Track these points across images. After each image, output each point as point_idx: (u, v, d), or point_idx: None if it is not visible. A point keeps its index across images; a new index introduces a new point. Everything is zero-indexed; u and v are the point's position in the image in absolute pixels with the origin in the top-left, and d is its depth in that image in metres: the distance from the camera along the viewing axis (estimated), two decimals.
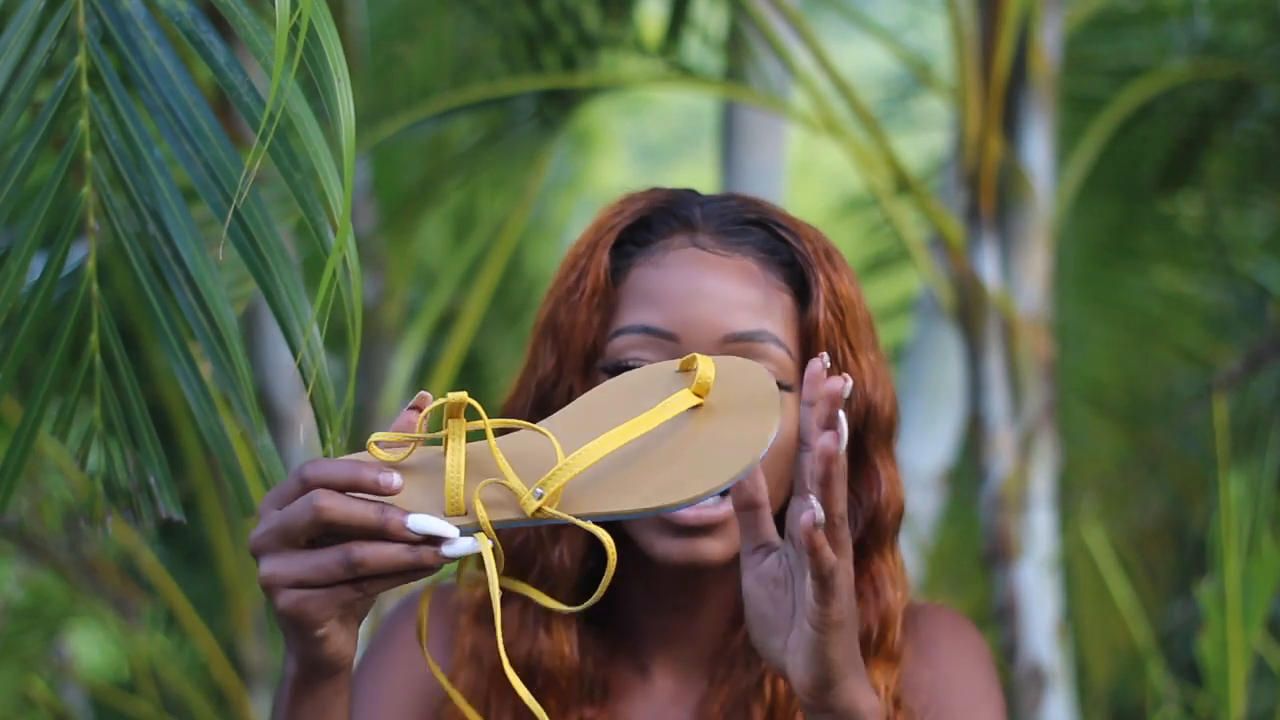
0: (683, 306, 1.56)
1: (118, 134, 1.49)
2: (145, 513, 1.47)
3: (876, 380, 1.62)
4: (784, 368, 1.57)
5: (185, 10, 1.48)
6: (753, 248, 1.59)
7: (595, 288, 1.58)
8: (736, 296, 1.56)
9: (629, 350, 1.56)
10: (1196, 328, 4.37)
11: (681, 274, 1.57)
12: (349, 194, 1.32)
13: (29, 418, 1.44)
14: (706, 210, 1.61)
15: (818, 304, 1.58)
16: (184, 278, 1.44)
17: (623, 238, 1.61)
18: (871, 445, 1.62)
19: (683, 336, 1.55)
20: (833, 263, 1.60)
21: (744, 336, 1.55)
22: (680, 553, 1.55)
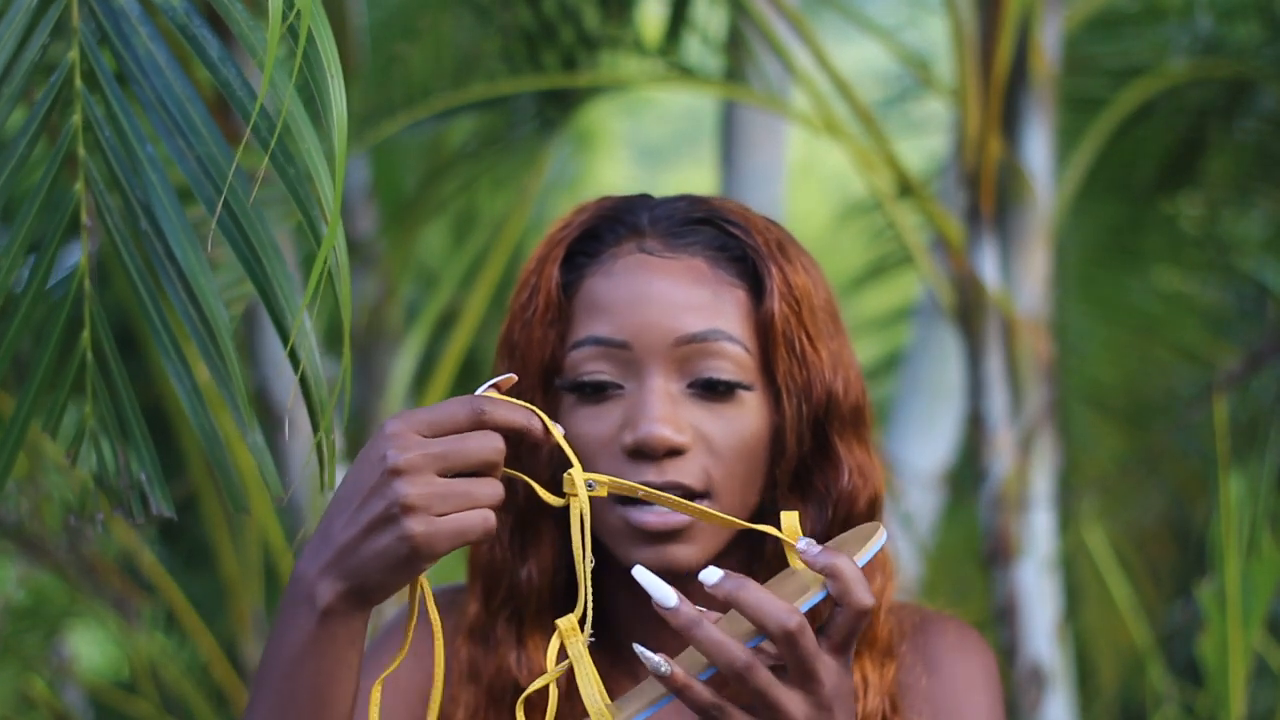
0: (632, 313, 1.56)
1: (111, 130, 1.49)
2: (136, 510, 1.47)
3: (838, 367, 1.61)
4: (741, 364, 1.57)
5: (179, 6, 1.48)
6: (701, 246, 1.59)
7: (547, 303, 1.59)
8: (685, 298, 1.56)
9: (584, 364, 1.57)
10: (1196, 327, 4.37)
11: (629, 281, 1.57)
12: (339, 189, 1.32)
13: (20, 414, 1.44)
14: (655, 214, 1.61)
15: (771, 296, 1.57)
16: (176, 275, 1.44)
17: (573, 249, 1.61)
18: (835, 433, 1.61)
19: (634, 343, 1.55)
20: (786, 254, 1.60)
21: (696, 338, 1.55)
22: (652, 560, 1.56)
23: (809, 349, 1.59)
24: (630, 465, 1.55)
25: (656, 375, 1.55)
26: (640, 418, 1.54)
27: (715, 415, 1.57)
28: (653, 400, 1.54)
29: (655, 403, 1.54)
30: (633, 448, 1.54)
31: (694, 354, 1.56)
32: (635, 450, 1.54)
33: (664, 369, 1.56)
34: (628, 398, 1.56)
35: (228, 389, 1.39)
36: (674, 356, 1.55)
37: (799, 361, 1.58)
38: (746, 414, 1.57)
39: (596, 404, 1.57)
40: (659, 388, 1.55)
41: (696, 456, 1.56)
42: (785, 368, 1.58)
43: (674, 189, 1.73)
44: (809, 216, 6.62)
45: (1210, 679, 2.53)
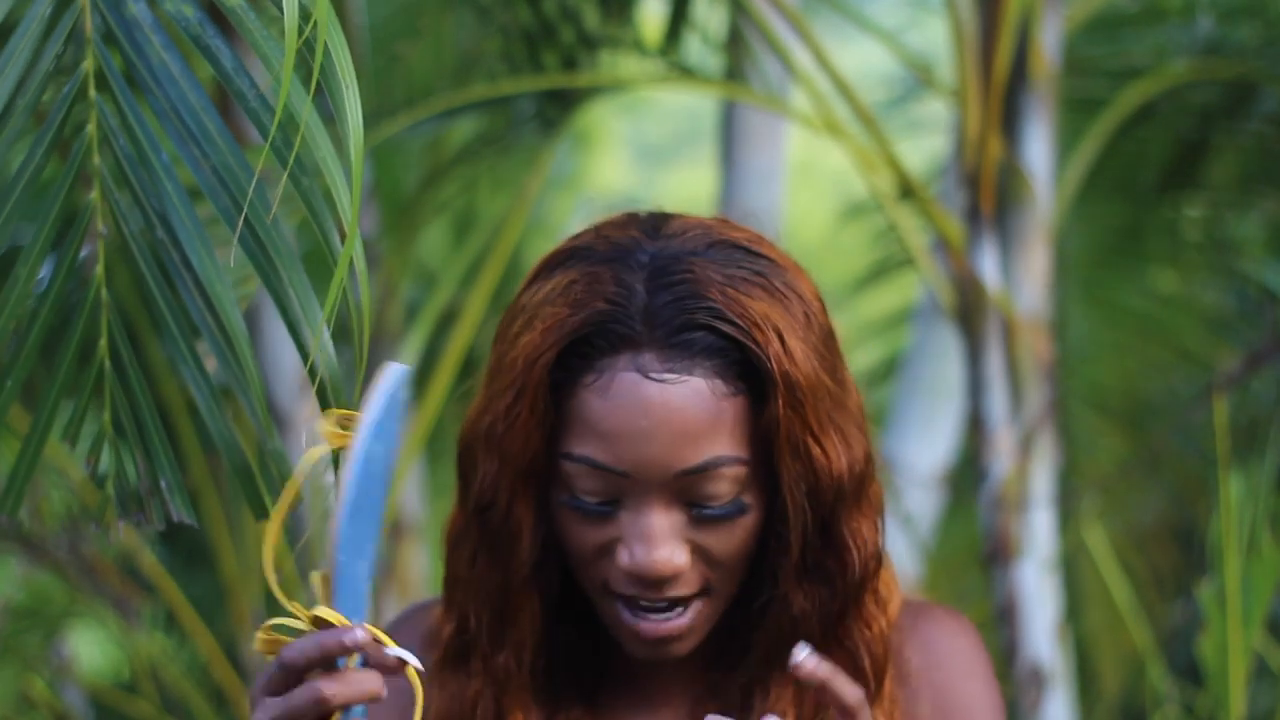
0: (631, 445, 1.51)
1: (125, 138, 1.50)
2: (156, 516, 1.47)
3: (842, 451, 1.56)
4: (740, 480, 1.53)
5: (191, 15, 1.48)
6: (701, 358, 1.52)
7: (533, 409, 1.53)
8: (684, 427, 1.51)
9: (578, 479, 1.53)
10: (1197, 328, 4.38)
11: (628, 409, 1.51)
12: (357, 199, 1.32)
13: (39, 423, 1.45)
14: (651, 310, 1.53)
15: (775, 404, 1.52)
16: (192, 281, 1.45)
17: (564, 350, 1.53)
18: (843, 519, 1.58)
19: (634, 474, 1.52)
20: (786, 347, 1.53)
21: (694, 470, 1.52)
22: (646, 654, 1.57)
23: (814, 449, 1.54)
24: (625, 578, 1.54)
25: (656, 504, 1.53)
26: (637, 547, 1.52)
27: (713, 531, 1.54)
28: (651, 534, 1.52)
29: (654, 536, 1.52)
30: (629, 572, 1.53)
31: (694, 483, 1.52)
32: (633, 575, 1.53)
33: (663, 496, 1.52)
34: (625, 513, 1.54)
35: (245, 395, 1.40)
36: (674, 486, 1.52)
37: (804, 464, 1.54)
38: (744, 523, 1.55)
39: (591, 515, 1.54)
40: (658, 520, 1.53)
41: (694, 567, 1.55)
42: (791, 474, 1.54)
43: (674, 189, 1.72)
44: (809, 217, 6.63)
45: (1210, 679, 2.53)
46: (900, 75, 4.61)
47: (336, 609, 1.35)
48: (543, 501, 1.57)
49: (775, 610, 1.58)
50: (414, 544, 3.98)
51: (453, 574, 1.64)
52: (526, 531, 1.57)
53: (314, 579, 1.37)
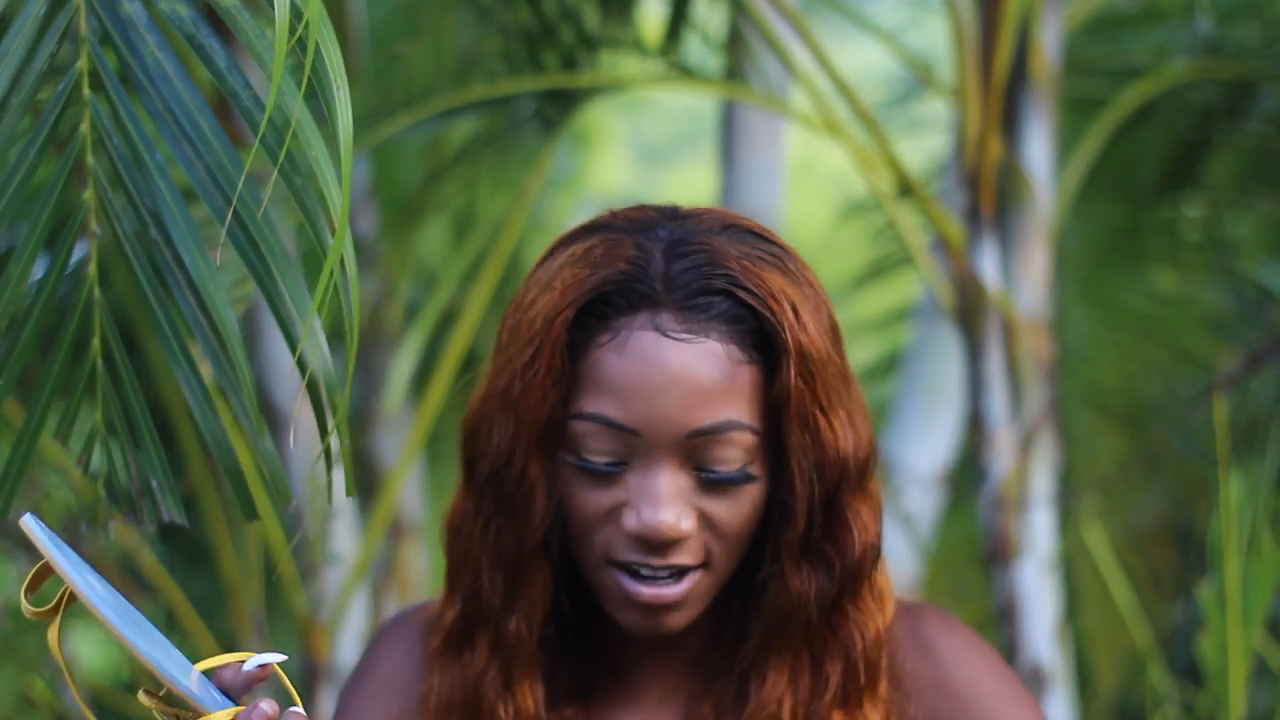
0: (644, 401, 1.52)
1: (119, 137, 1.50)
2: (148, 515, 1.47)
3: (849, 433, 1.58)
4: (749, 448, 1.54)
5: (186, 15, 1.48)
6: (718, 322, 1.54)
7: (550, 366, 1.54)
8: (698, 386, 1.52)
9: (588, 439, 1.54)
10: (1196, 328, 4.37)
11: (642, 364, 1.52)
12: (347, 197, 1.32)
13: (31, 422, 1.45)
14: (670, 275, 1.55)
15: (787, 373, 1.54)
16: (185, 281, 1.45)
17: (582, 309, 1.55)
18: (846, 499, 1.59)
19: (645, 432, 1.53)
20: (800, 321, 1.55)
21: (705, 431, 1.53)
22: (642, 625, 1.57)
23: (822, 423, 1.56)
24: (628, 542, 1.54)
25: (665, 466, 1.53)
26: (645, 507, 1.53)
27: (720, 498, 1.55)
28: (659, 494, 1.53)
29: (662, 497, 1.53)
30: (635, 534, 1.53)
31: (704, 445, 1.53)
32: (638, 537, 1.54)
33: (672, 458, 1.53)
34: (632, 475, 1.54)
35: (237, 396, 1.40)
36: (683, 448, 1.53)
37: (813, 438, 1.56)
38: (751, 493, 1.56)
39: (598, 475, 1.55)
40: (666, 481, 1.53)
41: (698, 536, 1.55)
42: (799, 445, 1.55)
43: (674, 189, 1.72)
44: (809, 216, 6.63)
45: (1210, 679, 2.53)
46: (900, 75, 4.61)
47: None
48: (554, 467, 1.57)
49: (773, 592, 1.58)
50: (414, 544, 3.98)
51: (459, 554, 1.63)
52: (540, 494, 1.57)
53: (140, 697, 1.36)
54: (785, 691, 1.59)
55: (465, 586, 1.63)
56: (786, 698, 1.59)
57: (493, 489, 1.59)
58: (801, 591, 1.58)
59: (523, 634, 1.60)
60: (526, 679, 1.61)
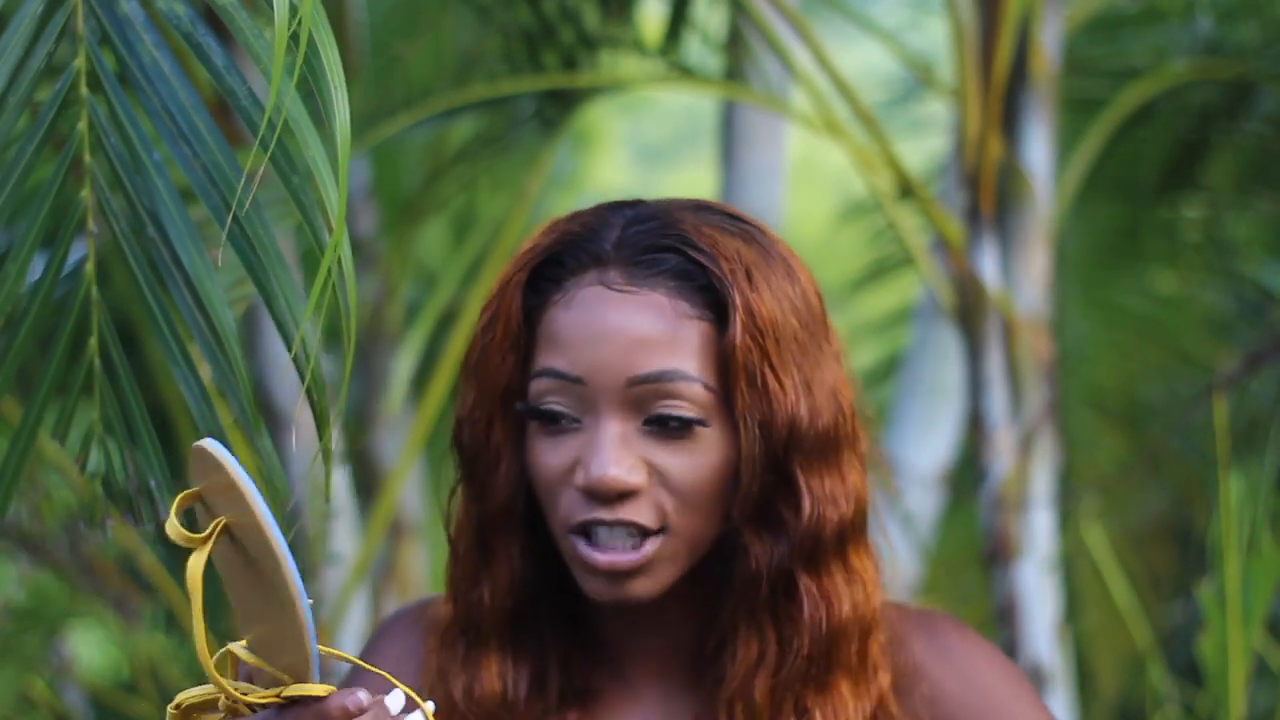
0: (587, 350, 1.54)
1: (116, 136, 1.50)
2: (145, 515, 1.47)
3: (802, 397, 1.57)
4: (698, 401, 1.54)
5: (183, 14, 1.48)
6: (664, 277, 1.55)
7: (507, 331, 1.57)
8: (642, 336, 1.54)
9: (545, 395, 1.55)
10: (1196, 329, 4.37)
11: (586, 316, 1.55)
12: (344, 197, 1.32)
13: (28, 420, 1.45)
14: (622, 237, 1.57)
15: (734, 327, 1.54)
16: (183, 280, 1.45)
17: (537, 273, 1.59)
18: (797, 464, 1.57)
19: (589, 380, 1.54)
20: (752, 281, 1.56)
21: (649, 378, 1.53)
22: (605, 593, 1.56)
23: (771, 379, 1.55)
24: (583, 501, 1.54)
25: (610, 416, 1.54)
26: (592, 460, 1.53)
27: (671, 452, 1.55)
28: (604, 443, 1.53)
29: (606, 446, 1.53)
30: (584, 488, 1.54)
31: (648, 394, 1.54)
32: (586, 490, 1.54)
33: (618, 408, 1.54)
34: (583, 432, 1.55)
35: (234, 394, 1.40)
36: (628, 396, 1.54)
37: (760, 394, 1.55)
38: (705, 449, 1.55)
39: (555, 435, 1.56)
40: (611, 430, 1.53)
41: (651, 493, 1.54)
42: (745, 402, 1.55)
43: (674, 189, 1.72)
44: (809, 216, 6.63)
45: (1210, 679, 2.53)
46: (900, 75, 4.61)
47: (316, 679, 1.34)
48: (520, 437, 1.59)
49: (737, 561, 1.58)
50: (414, 544, 3.98)
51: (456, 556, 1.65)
52: (505, 460, 1.59)
53: (239, 651, 1.35)
54: (756, 666, 1.58)
55: (454, 579, 1.64)
56: (760, 674, 1.58)
57: (459, 455, 1.61)
58: (760, 557, 1.57)
59: (487, 604, 1.60)
60: (494, 654, 1.61)
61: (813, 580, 1.59)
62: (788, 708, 1.59)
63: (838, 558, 1.60)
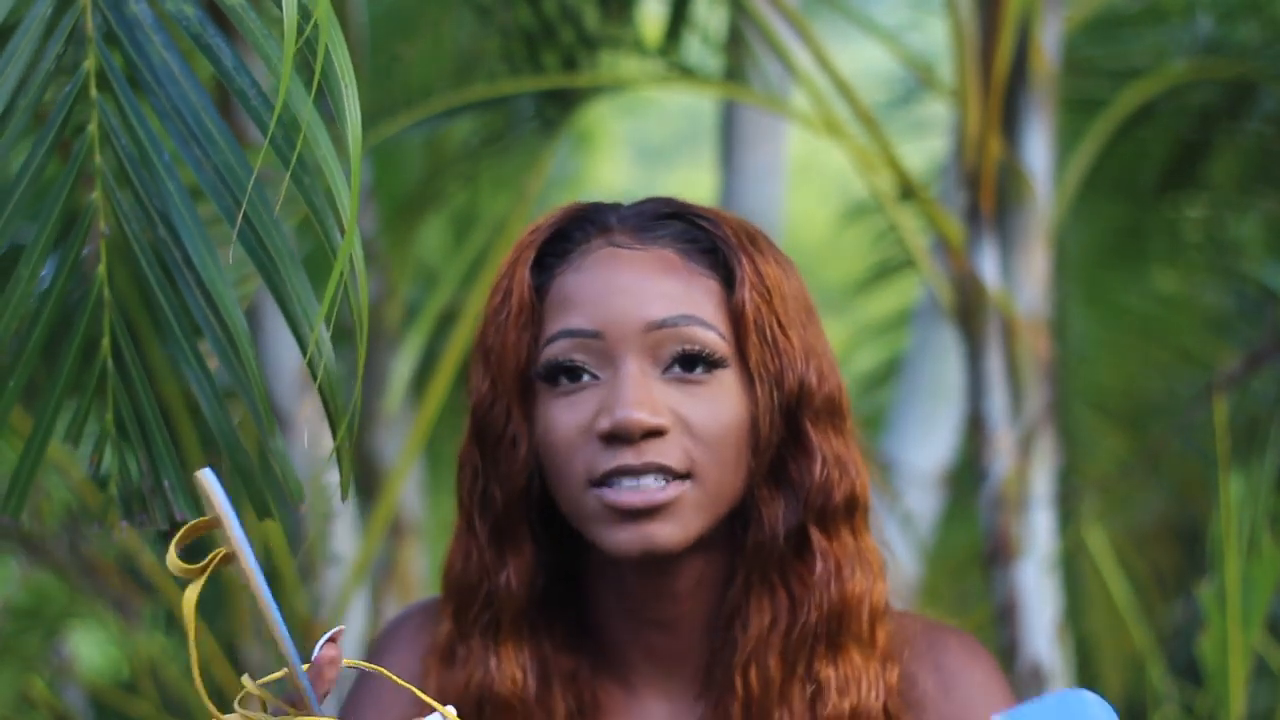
0: (602, 303, 1.56)
1: (126, 137, 1.50)
2: (160, 516, 1.47)
3: (810, 356, 1.61)
4: (714, 348, 1.57)
5: (192, 14, 1.48)
6: (671, 239, 1.59)
7: (520, 306, 1.59)
8: (656, 286, 1.56)
9: (560, 359, 1.57)
10: (1197, 328, 4.38)
11: (599, 273, 1.57)
12: (355, 198, 1.32)
13: (41, 424, 1.45)
14: (623, 213, 1.62)
15: (743, 285, 1.57)
16: (194, 281, 1.45)
17: (544, 251, 1.61)
18: (809, 421, 1.60)
19: (606, 332, 1.55)
20: (756, 245, 1.60)
21: (667, 322, 1.55)
22: (631, 540, 1.55)
23: (780, 336, 1.59)
24: (606, 451, 1.54)
25: (630, 361, 1.55)
26: (615, 402, 1.53)
27: (693, 396, 1.56)
28: (627, 384, 1.54)
29: (629, 386, 1.54)
30: (609, 432, 1.53)
31: (667, 339, 1.55)
32: (611, 435, 1.54)
33: (637, 355, 1.55)
34: (603, 386, 1.56)
35: (247, 395, 1.40)
36: (647, 343, 1.55)
37: (771, 349, 1.58)
38: (725, 395, 1.57)
39: (571, 394, 1.56)
40: (633, 371, 1.54)
41: (676, 438, 1.55)
42: (757, 355, 1.58)
43: (674, 189, 1.73)
44: (809, 217, 6.63)
45: (1210, 679, 2.53)
46: (900, 75, 4.61)
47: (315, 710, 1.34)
48: (533, 416, 1.59)
49: (752, 530, 1.59)
50: (414, 544, 3.98)
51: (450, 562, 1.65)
52: (523, 439, 1.59)
53: (244, 682, 1.34)
54: (769, 633, 1.59)
55: (455, 580, 1.64)
56: (773, 639, 1.59)
57: (478, 441, 1.61)
58: (770, 518, 1.59)
59: (513, 588, 1.61)
60: (513, 644, 1.62)
61: (823, 537, 1.60)
62: (800, 672, 1.59)
63: (846, 525, 1.62)
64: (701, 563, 1.60)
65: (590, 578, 1.63)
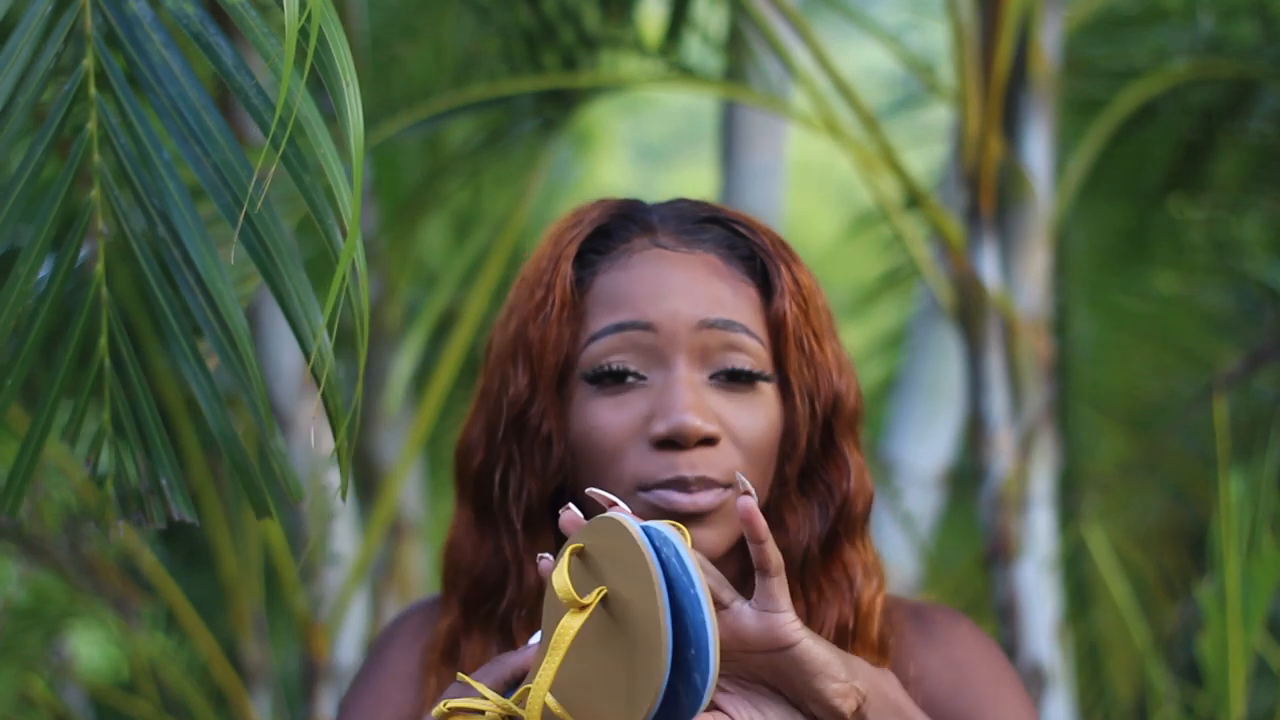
0: (655, 300, 1.57)
1: (125, 136, 1.50)
2: (157, 515, 1.47)
3: (841, 368, 1.63)
4: (759, 358, 1.58)
5: (192, 13, 1.48)
6: (713, 244, 1.60)
7: (563, 301, 1.59)
8: (706, 288, 1.58)
9: (608, 355, 1.57)
10: (1198, 328, 4.37)
11: (649, 272, 1.58)
12: (358, 197, 1.32)
13: (39, 423, 1.44)
14: (662, 213, 1.63)
15: (782, 296, 1.59)
16: (194, 280, 1.45)
17: (583, 247, 1.61)
18: (840, 433, 1.63)
19: (659, 327, 1.56)
20: (790, 254, 1.62)
21: (719, 324, 1.56)
22: None
23: (816, 348, 1.61)
24: (656, 455, 1.55)
25: (681, 364, 1.56)
26: (671, 407, 1.54)
27: (737, 406, 1.57)
28: (682, 389, 1.55)
29: (685, 391, 1.55)
30: (664, 437, 1.54)
31: (716, 343, 1.56)
32: (665, 440, 1.54)
33: (688, 357, 1.56)
34: (651, 388, 1.56)
35: (248, 394, 1.40)
36: (697, 343, 1.56)
37: (808, 360, 1.60)
38: (765, 407, 1.58)
39: (617, 394, 1.57)
40: (686, 377, 1.55)
41: (724, 448, 1.56)
42: (796, 365, 1.60)
43: (674, 189, 1.74)
44: (809, 217, 6.63)
45: (1210, 679, 2.53)
46: (901, 76, 4.61)
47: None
48: (567, 412, 1.59)
49: (774, 534, 1.60)
50: (414, 544, 3.98)
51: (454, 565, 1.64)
52: (559, 437, 1.60)
53: (550, 702, 1.37)
54: None
55: (465, 580, 1.63)
56: None
57: (516, 436, 1.61)
58: (797, 528, 1.61)
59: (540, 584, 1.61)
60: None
61: (850, 547, 1.62)
62: None
63: (862, 535, 1.63)
64: (721, 560, 1.61)
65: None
